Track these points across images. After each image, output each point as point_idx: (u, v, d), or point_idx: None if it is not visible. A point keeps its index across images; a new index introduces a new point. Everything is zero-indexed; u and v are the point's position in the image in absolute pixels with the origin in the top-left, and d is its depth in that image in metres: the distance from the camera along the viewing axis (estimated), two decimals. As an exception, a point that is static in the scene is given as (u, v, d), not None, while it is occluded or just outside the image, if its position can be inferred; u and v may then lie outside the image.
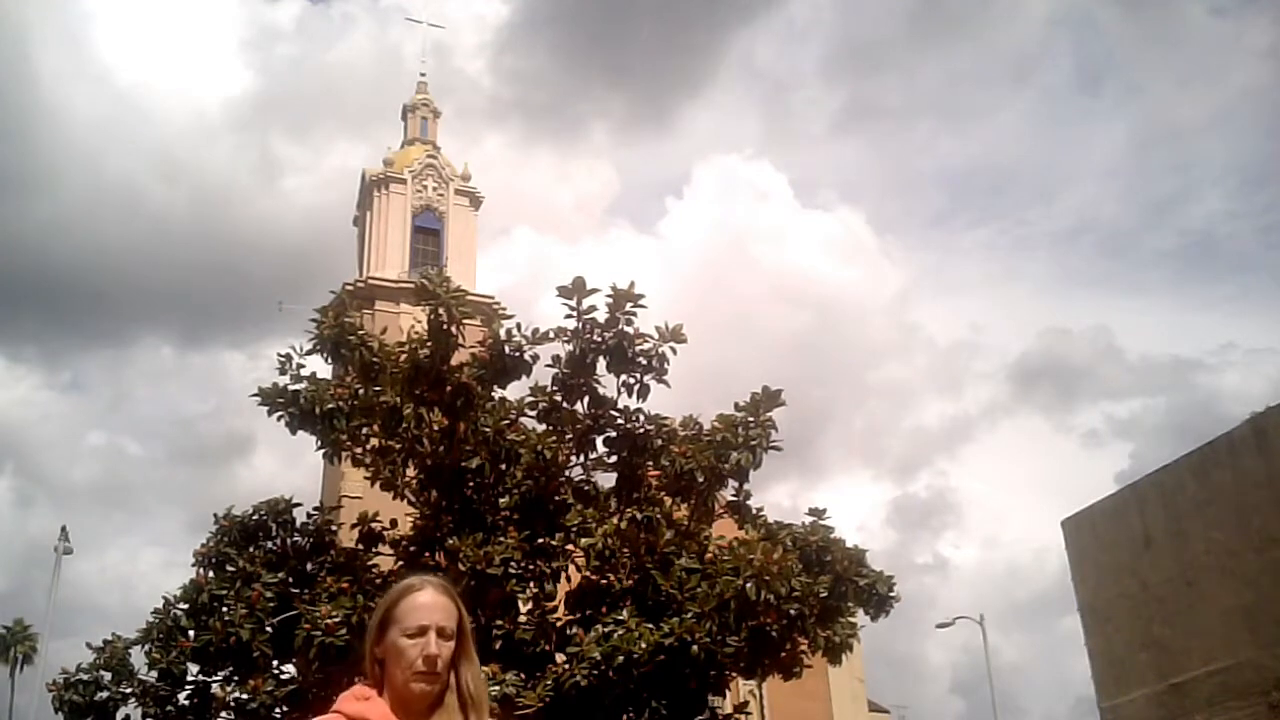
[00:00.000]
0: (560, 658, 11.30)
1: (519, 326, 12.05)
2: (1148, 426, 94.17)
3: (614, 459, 12.52)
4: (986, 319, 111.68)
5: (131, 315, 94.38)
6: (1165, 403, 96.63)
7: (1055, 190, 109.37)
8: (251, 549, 12.57)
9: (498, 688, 10.11)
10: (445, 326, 11.86)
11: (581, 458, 12.69)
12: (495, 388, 12.44)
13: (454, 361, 12.24)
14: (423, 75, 45.07)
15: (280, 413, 12.16)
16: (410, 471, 12.74)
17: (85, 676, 12.01)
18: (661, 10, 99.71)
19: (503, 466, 12.07)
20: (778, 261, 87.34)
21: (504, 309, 11.75)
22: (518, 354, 12.07)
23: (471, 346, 12.48)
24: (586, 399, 12.33)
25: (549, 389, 12.33)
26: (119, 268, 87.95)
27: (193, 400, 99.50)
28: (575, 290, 11.69)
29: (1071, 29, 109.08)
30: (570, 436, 12.45)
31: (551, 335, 12.02)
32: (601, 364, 12.08)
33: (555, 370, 12.22)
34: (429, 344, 11.99)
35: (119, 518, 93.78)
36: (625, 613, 10.85)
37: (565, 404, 12.36)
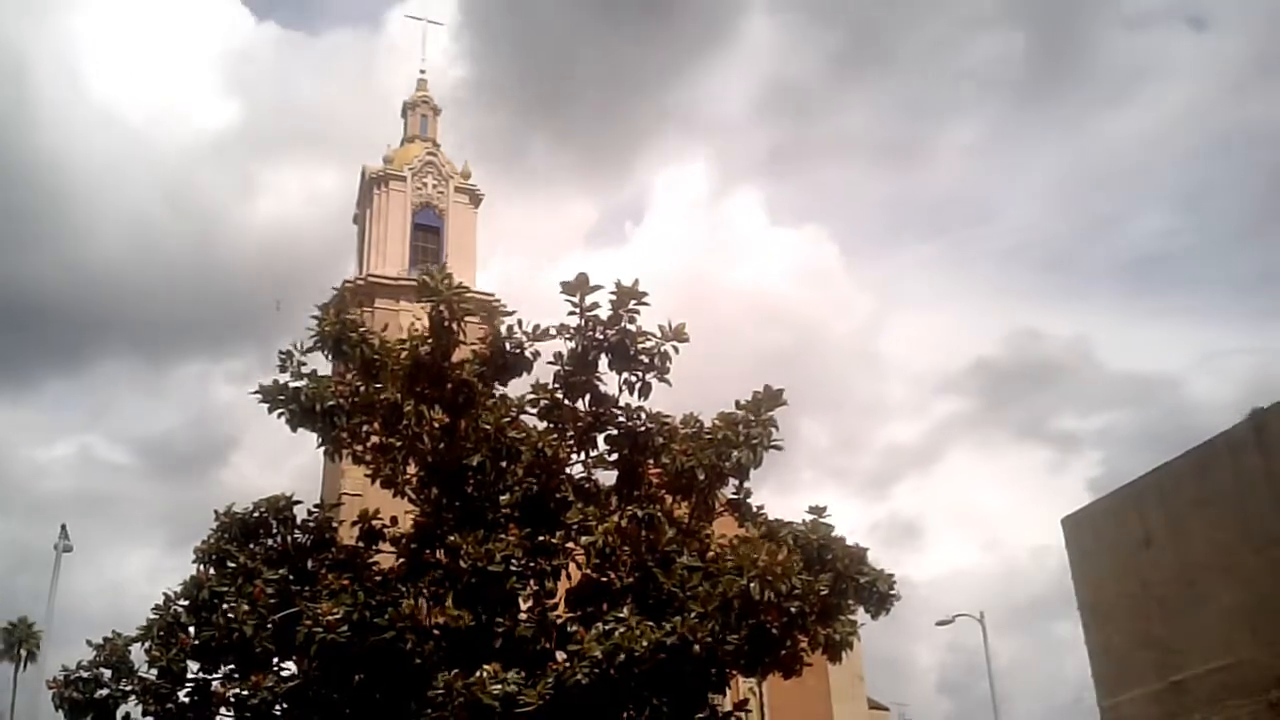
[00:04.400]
0: (560, 655, 11.30)
1: (520, 323, 12.06)
2: (1116, 438, 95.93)
3: (615, 457, 12.50)
4: (947, 334, 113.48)
5: (110, 331, 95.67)
6: (1134, 415, 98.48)
7: (998, 210, 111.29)
8: (252, 545, 12.56)
9: (499, 686, 10.11)
10: (446, 323, 11.85)
11: (582, 455, 12.68)
12: (496, 385, 12.44)
13: (455, 358, 12.24)
14: (422, 73, 45.10)
15: (280, 410, 12.16)
16: (411, 469, 12.74)
17: (85, 674, 11.98)
18: (603, 69, 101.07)
19: (503, 464, 12.07)
20: (741, 285, 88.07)
21: (503, 305, 11.72)
22: (518, 350, 12.06)
23: (472, 343, 12.48)
24: (588, 397, 12.32)
25: (550, 386, 12.33)
26: (95, 286, 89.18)
27: (173, 414, 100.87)
28: (578, 287, 11.68)
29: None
30: (571, 434, 12.44)
31: (553, 332, 12.01)
32: (603, 362, 12.08)
33: (557, 367, 12.22)
34: (429, 340, 11.99)
35: (101, 532, 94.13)
36: (626, 610, 10.84)
37: (567, 401, 12.36)
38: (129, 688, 11.96)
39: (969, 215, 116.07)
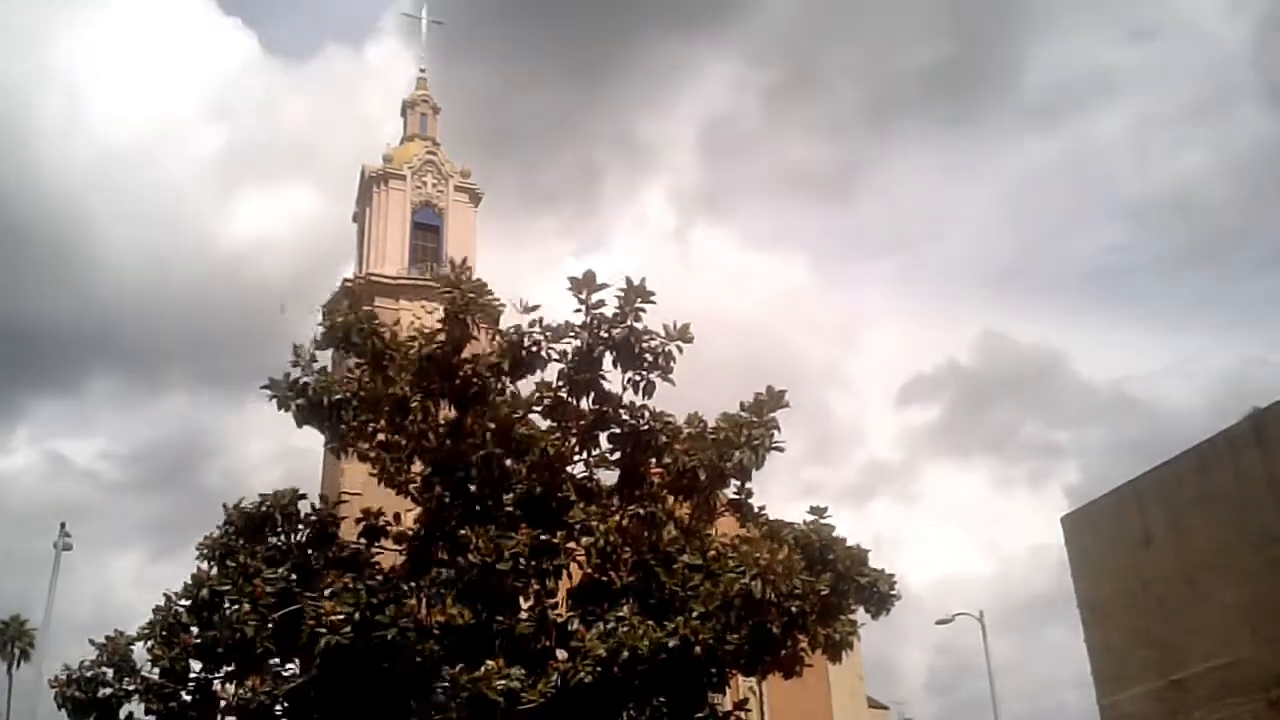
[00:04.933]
0: (562, 654, 11.32)
1: (540, 321, 12.04)
2: (1090, 446, 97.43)
3: (617, 456, 12.52)
4: (913, 349, 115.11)
5: (96, 347, 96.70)
6: (1108, 424, 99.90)
7: (951, 228, 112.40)
8: (255, 543, 12.56)
9: (504, 681, 10.13)
10: (461, 317, 11.84)
11: (584, 454, 12.70)
12: (506, 381, 12.43)
13: (465, 354, 12.25)
14: (422, 71, 44.97)
15: (287, 405, 12.19)
16: (415, 467, 12.75)
17: (88, 673, 11.98)
18: (557, 117, 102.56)
19: (509, 462, 12.09)
20: (706, 309, 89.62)
21: (513, 304, 11.68)
22: (535, 349, 12.05)
23: (481, 340, 12.50)
24: (592, 395, 12.33)
25: (555, 384, 12.34)
26: (84, 303, 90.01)
27: (158, 429, 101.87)
28: (585, 284, 11.70)
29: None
30: (574, 432, 12.45)
31: (565, 326, 11.97)
32: (607, 360, 12.08)
33: (562, 365, 12.22)
34: (442, 334, 12.00)
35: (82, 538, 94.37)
36: (627, 610, 10.86)
37: (571, 399, 12.37)
38: (132, 687, 11.96)
39: (921, 233, 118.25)
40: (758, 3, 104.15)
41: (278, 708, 11.56)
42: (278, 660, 11.86)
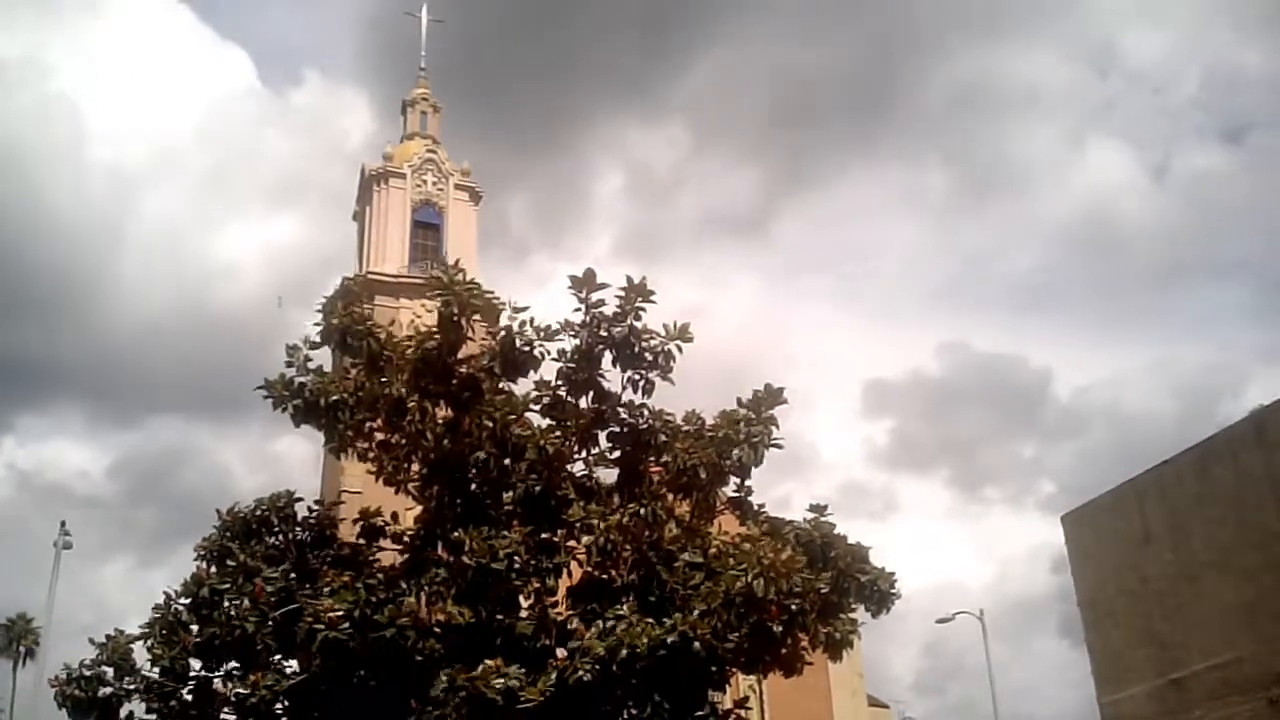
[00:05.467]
0: (561, 653, 11.32)
1: (531, 321, 12.04)
2: (1061, 461, 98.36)
3: (616, 454, 12.53)
4: (863, 367, 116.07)
5: (78, 372, 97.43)
6: (1079, 437, 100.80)
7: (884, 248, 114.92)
8: (253, 543, 12.57)
9: (502, 681, 10.13)
10: (455, 318, 11.85)
11: (584, 453, 12.70)
12: (504, 381, 12.44)
13: (460, 354, 12.25)
14: (422, 69, 44.95)
15: (284, 406, 12.19)
16: (414, 466, 12.76)
17: (88, 672, 11.99)
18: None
19: (507, 461, 12.09)
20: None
21: (512, 302, 11.54)
22: (528, 349, 12.06)
23: (479, 339, 12.51)
24: (591, 394, 12.34)
25: (554, 383, 12.34)
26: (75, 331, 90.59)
27: (147, 445, 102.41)
28: (585, 282, 11.70)
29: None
30: (574, 431, 12.46)
31: (559, 326, 11.99)
32: (607, 359, 12.09)
33: (560, 365, 12.23)
34: (437, 335, 12.00)
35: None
36: (627, 608, 10.86)
37: (570, 398, 12.37)
38: (132, 686, 11.97)
39: (857, 253, 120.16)
40: (678, 69, 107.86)
41: (278, 705, 11.58)
42: (278, 658, 11.87)
